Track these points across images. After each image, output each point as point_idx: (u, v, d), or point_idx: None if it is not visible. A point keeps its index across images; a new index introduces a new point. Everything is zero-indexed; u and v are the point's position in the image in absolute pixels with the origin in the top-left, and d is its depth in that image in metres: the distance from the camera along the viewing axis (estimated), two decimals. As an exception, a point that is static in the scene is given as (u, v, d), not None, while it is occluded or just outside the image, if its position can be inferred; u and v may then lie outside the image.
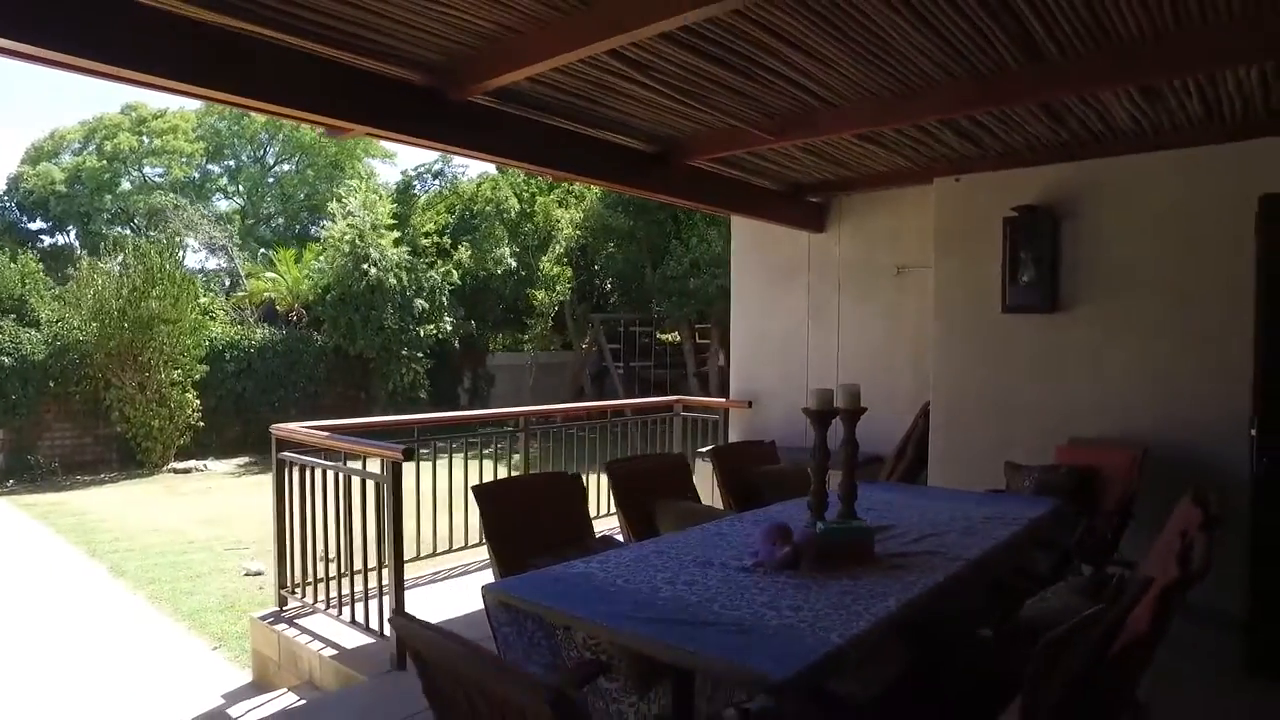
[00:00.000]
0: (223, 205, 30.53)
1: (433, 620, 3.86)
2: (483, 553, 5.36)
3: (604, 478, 3.73)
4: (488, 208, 16.13)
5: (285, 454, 4.28)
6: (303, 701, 3.53)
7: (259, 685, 4.16)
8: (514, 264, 16.07)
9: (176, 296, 12.03)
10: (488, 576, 4.94)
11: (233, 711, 3.62)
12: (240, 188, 32.86)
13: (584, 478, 3.80)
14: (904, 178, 5.13)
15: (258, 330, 14.22)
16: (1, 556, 7.45)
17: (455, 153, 5.59)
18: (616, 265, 16.71)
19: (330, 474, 3.98)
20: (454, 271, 16.21)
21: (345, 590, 3.89)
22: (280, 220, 31.36)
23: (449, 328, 15.98)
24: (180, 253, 13.65)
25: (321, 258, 14.52)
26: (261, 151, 32.72)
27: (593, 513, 5.47)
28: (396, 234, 14.80)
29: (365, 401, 16.08)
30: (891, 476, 5.07)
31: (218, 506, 9.69)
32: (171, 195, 19.67)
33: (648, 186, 4.70)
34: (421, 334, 14.97)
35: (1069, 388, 4.37)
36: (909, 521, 2.93)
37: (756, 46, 3.06)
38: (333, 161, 31.57)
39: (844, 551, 2.42)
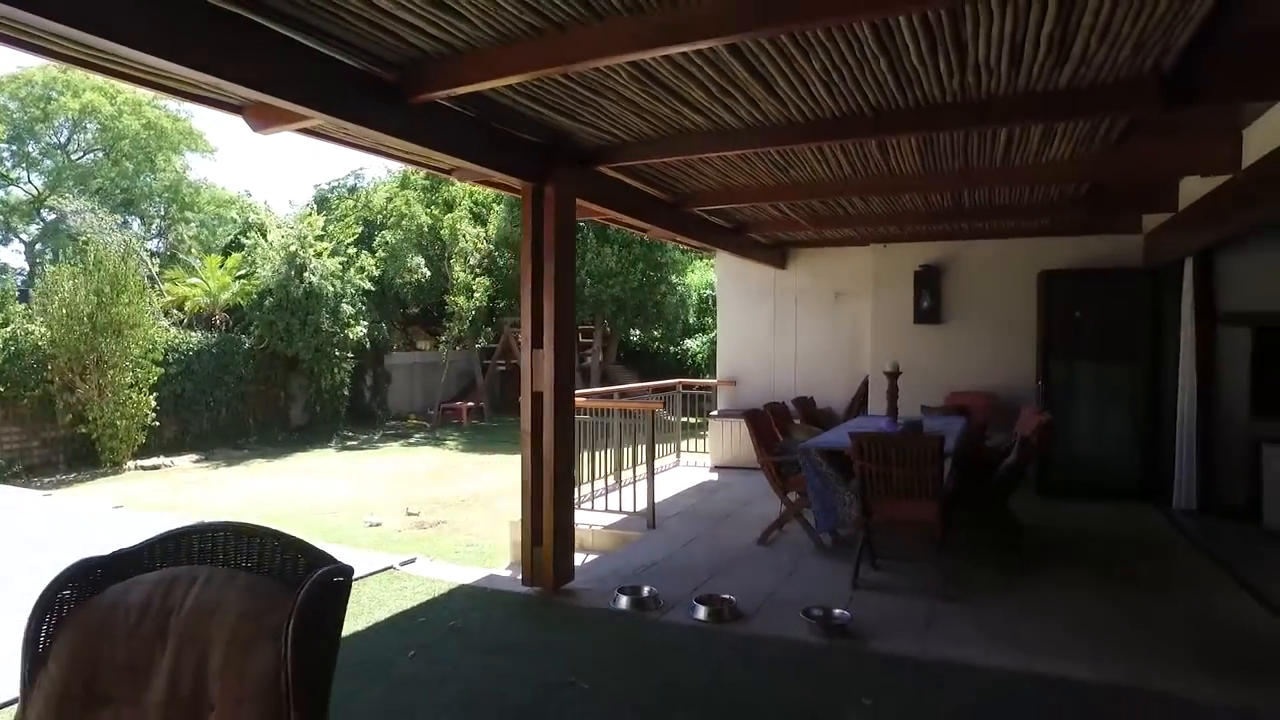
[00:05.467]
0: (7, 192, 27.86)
1: (666, 493, 7.01)
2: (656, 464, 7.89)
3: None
4: (404, 222, 17.74)
5: (532, 414, 6.67)
6: (599, 555, 6.04)
7: (518, 567, 6.52)
8: (428, 273, 17.84)
9: (137, 302, 12.64)
10: (672, 476, 7.66)
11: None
12: (29, 174, 29.96)
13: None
14: (851, 241, 8.60)
15: (194, 333, 14.80)
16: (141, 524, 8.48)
17: (661, 234, 7.78)
18: (518, 275, 19.05)
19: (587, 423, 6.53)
20: (366, 278, 17.59)
21: (597, 489, 6.47)
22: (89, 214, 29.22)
23: (363, 330, 17.36)
24: (134, 259, 13.84)
25: (263, 266, 15.33)
26: (63, 138, 30.09)
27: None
28: (326, 244, 16.02)
29: (285, 399, 16.99)
30: (848, 416, 8.51)
31: (238, 491, 10.94)
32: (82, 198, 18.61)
33: (726, 247, 7.72)
34: (350, 336, 16.32)
35: (949, 363, 8.05)
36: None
37: (842, 197, 6.24)
38: (147, 155, 30.07)
39: (915, 429, 5.66)
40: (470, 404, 19.26)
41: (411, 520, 9.17)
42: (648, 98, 3.79)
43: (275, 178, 55.20)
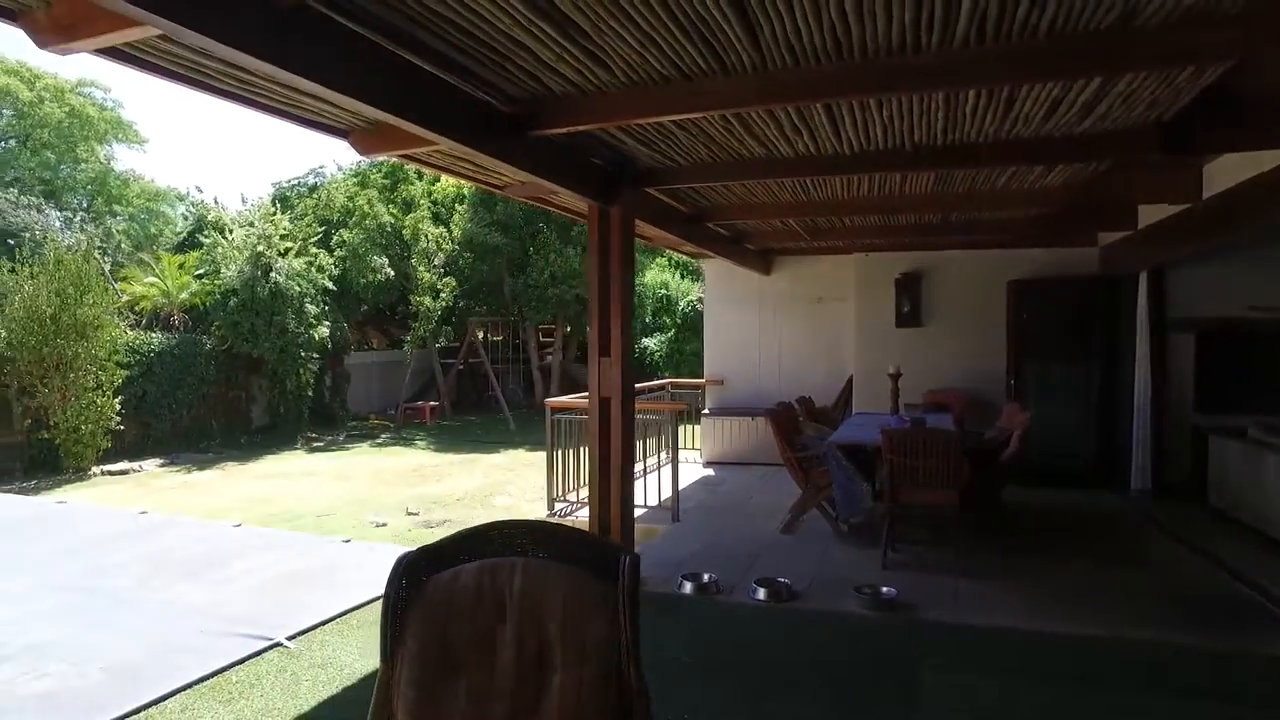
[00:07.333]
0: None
1: (686, 480, 7.39)
2: (651, 462, 8.27)
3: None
4: (366, 221, 17.59)
5: (557, 416, 7.01)
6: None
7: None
8: (392, 273, 17.75)
9: (101, 302, 12.28)
10: (670, 472, 8.10)
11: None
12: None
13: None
14: (836, 250, 9.22)
15: (155, 335, 14.38)
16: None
17: (686, 251, 8.36)
18: (481, 275, 19.12)
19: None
20: (327, 278, 17.38)
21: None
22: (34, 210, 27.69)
23: (326, 330, 17.16)
24: (95, 258, 13.33)
25: (226, 266, 14.98)
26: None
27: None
28: (291, 243, 15.78)
29: (246, 401, 16.65)
30: (834, 412, 9.14)
31: (227, 495, 10.81)
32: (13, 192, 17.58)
33: (720, 254, 8.20)
34: (315, 336, 16.12)
35: (927, 363, 8.75)
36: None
37: (847, 215, 6.80)
38: (70, 144, 28.68)
39: (920, 422, 6.27)
40: (434, 403, 19.24)
41: (414, 519, 9.32)
42: (724, 133, 4.22)
43: (214, 173, 52.97)
